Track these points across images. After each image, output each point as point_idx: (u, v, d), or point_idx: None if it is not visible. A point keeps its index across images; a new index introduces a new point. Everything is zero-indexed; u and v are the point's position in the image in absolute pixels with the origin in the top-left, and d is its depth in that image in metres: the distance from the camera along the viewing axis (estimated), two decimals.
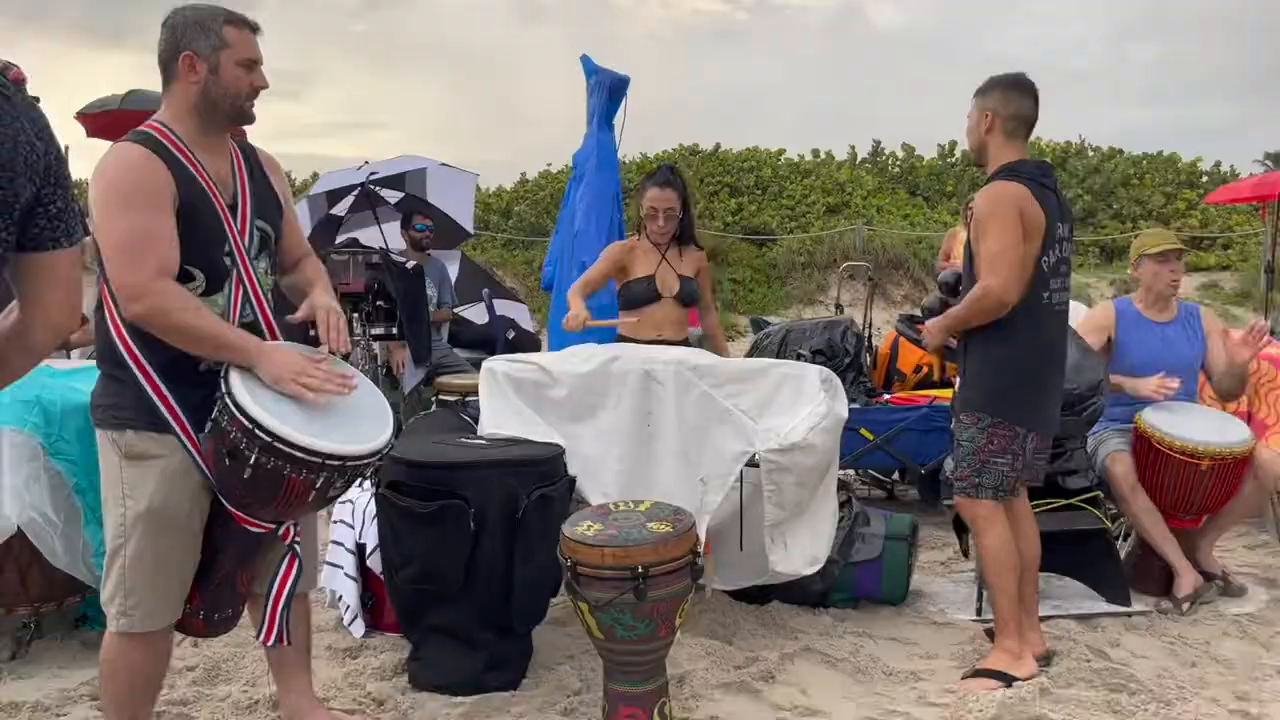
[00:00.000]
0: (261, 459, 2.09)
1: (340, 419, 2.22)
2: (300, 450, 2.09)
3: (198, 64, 2.24)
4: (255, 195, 2.37)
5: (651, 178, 3.91)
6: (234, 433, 2.11)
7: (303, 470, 2.12)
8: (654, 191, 3.85)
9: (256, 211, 2.37)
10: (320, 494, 2.19)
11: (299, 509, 2.26)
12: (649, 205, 3.85)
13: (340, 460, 2.14)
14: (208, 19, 2.24)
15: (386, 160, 6.06)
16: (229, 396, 2.12)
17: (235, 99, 2.28)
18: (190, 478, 2.23)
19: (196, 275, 2.24)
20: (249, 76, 2.29)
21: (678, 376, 3.20)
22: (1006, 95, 3.07)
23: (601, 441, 3.21)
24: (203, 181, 2.26)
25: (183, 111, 2.27)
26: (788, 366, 3.29)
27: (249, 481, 2.13)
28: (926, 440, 4.71)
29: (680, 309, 3.93)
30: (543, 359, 3.34)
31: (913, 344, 5.16)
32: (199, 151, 2.27)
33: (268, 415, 2.09)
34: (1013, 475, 3.03)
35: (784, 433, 3.16)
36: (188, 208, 2.21)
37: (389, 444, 2.28)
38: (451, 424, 4.19)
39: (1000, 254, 2.91)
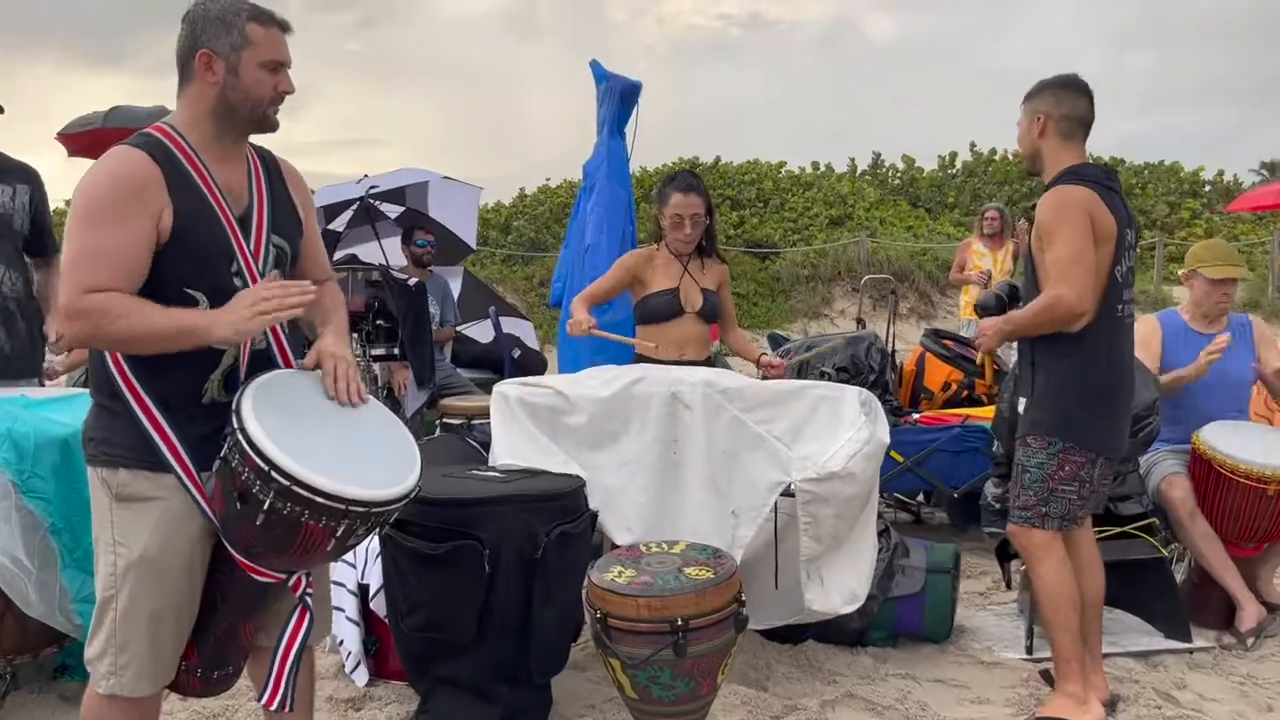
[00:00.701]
0: (278, 503, 1.84)
1: (364, 458, 1.99)
2: (322, 495, 1.84)
3: (215, 64, 2.00)
4: (273, 208, 2.13)
5: (672, 183, 3.64)
6: (246, 473, 1.86)
7: (323, 517, 1.87)
8: (679, 197, 3.58)
9: (273, 226, 2.12)
10: (340, 542, 1.94)
11: (315, 558, 2.00)
12: (674, 212, 3.58)
13: (365, 506, 1.89)
14: (230, 14, 2.00)
15: (386, 174, 5.83)
16: (242, 431, 1.87)
17: (256, 104, 2.03)
18: (190, 522, 1.99)
19: (200, 298, 1.99)
20: (273, 80, 2.04)
21: (706, 400, 2.95)
22: (1058, 96, 2.86)
23: (624, 472, 2.96)
24: (208, 192, 2.01)
25: (198, 115, 2.03)
26: (824, 388, 3.04)
27: (262, 528, 1.88)
28: (959, 462, 4.47)
29: (703, 326, 3.66)
30: (559, 382, 3.09)
31: (941, 360, 4.92)
32: (210, 159, 2.03)
33: (285, 455, 1.84)
34: (1079, 504, 2.80)
35: (821, 461, 2.92)
36: (185, 222, 1.96)
37: (416, 486, 2.04)
38: (458, 451, 3.94)
39: (1073, 260, 2.69)
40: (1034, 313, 2.78)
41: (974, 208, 21.17)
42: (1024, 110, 2.93)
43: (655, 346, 3.48)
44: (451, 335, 6.02)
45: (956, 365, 4.88)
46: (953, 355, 4.91)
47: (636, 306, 3.69)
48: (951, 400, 4.92)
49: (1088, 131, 2.89)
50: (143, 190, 1.92)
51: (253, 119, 2.05)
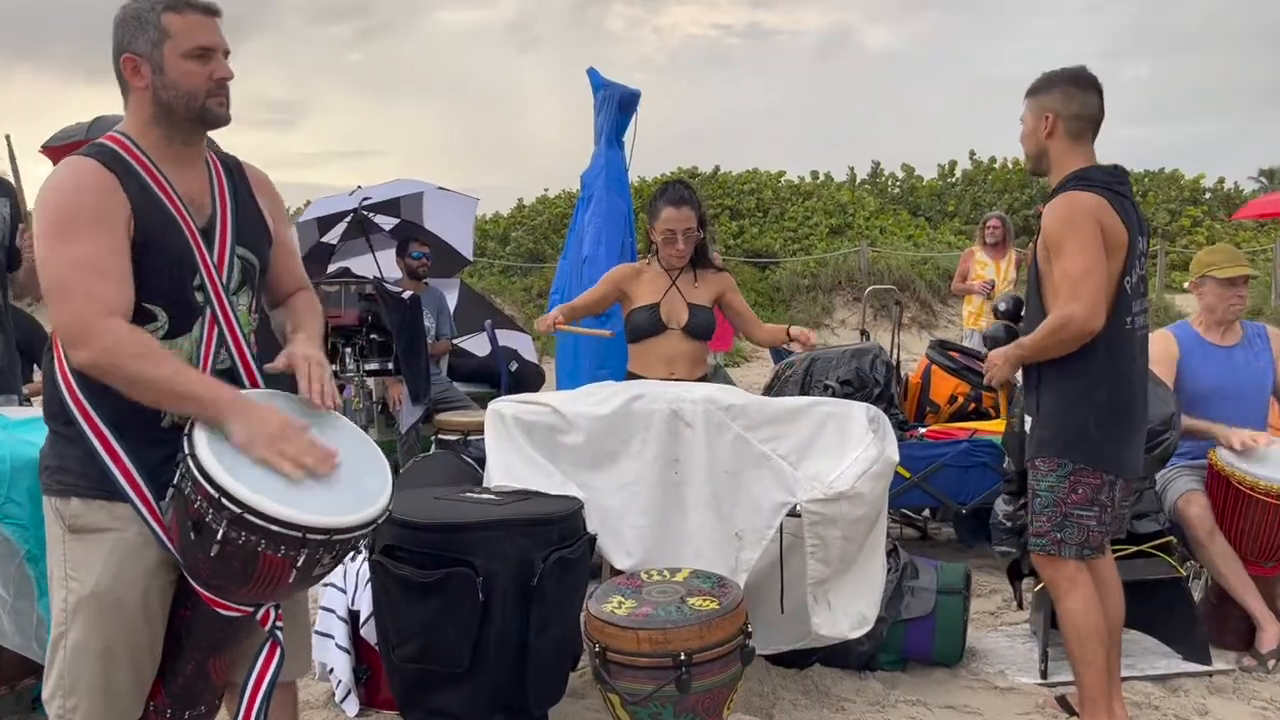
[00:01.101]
0: (231, 533, 1.73)
1: (327, 481, 1.86)
2: (277, 523, 1.73)
3: (141, 66, 1.88)
4: (237, 218, 2.01)
5: (663, 195, 3.51)
6: (199, 501, 1.76)
7: (281, 546, 1.76)
8: (670, 211, 3.46)
9: (238, 237, 2.00)
10: (304, 572, 1.83)
11: (279, 590, 1.89)
12: (665, 227, 3.46)
13: (325, 534, 1.78)
14: (145, 10, 1.88)
15: (380, 184, 5.73)
16: (192, 457, 1.76)
17: (192, 99, 1.90)
18: (147, 554, 1.87)
19: (159, 314, 1.89)
20: (205, 68, 1.90)
21: (708, 417, 2.84)
22: (1067, 92, 2.70)
23: (624, 493, 2.85)
24: (168, 201, 1.90)
25: (143, 122, 1.93)
26: (830, 405, 2.94)
27: (217, 559, 1.77)
28: (967, 477, 4.36)
29: (691, 342, 3.50)
30: (555, 399, 2.98)
31: (947, 372, 4.81)
32: (167, 166, 1.92)
33: (236, 481, 1.73)
34: (1099, 530, 2.67)
35: (828, 480, 2.81)
36: (147, 233, 1.86)
37: (385, 510, 1.92)
38: (453, 468, 3.84)
39: (1083, 275, 2.56)
40: (1044, 335, 2.65)
41: (974, 216, 21.12)
42: (1029, 106, 2.76)
43: (643, 355, 3.39)
44: (447, 348, 5.91)
45: (963, 378, 4.77)
46: (959, 367, 4.80)
47: (625, 323, 3.59)
48: (958, 413, 4.81)
49: (1097, 131, 2.74)
50: (109, 196, 1.82)
51: (193, 115, 1.91)
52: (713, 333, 3.63)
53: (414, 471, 3.80)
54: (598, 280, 4.39)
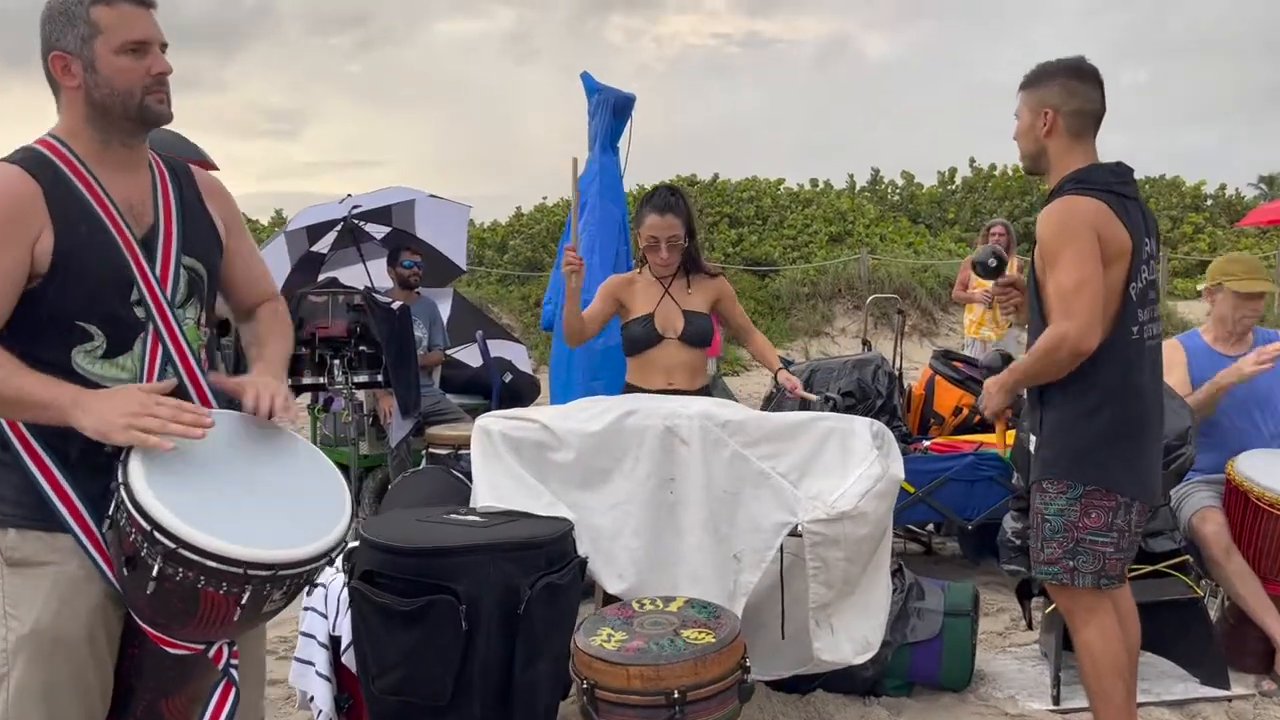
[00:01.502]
0: (167, 569, 1.60)
1: (277, 511, 1.74)
2: (214, 558, 1.59)
3: (71, 64, 1.76)
4: (184, 225, 1.88)
5: (649, 202, 3.39)
6: (133, 534, 1.62)
7: (222, 583, 1.62)
8: (653, 219, 3.34)
9: (184, 246, 1.87)
10: (250, 610, 1.68)
11: (226, 629, 1.74)
12: (648, 235, 3.34)
13: (269, 569, 1.64)
14: (73, 3, 1.75)
15: (370, 193, 5.61)
16: (125, 487, 1.63)
17: (128, 97, 1.77)
18: (91, 589, 1.74)
19: (94, 332, 1.76)
20: (141, 64, 1.78)
21: (704, 434, 2.72)
22: (1068, 86, 2.52)
23: (616, 513, 2.72)
24: (100, 209, 1.77)
25: (76, 124, 1.80)
26: (833, 420, 2.81)
27: (155, 596, 1.63)
28: (973, 492, 4.24)
29: (689, 351, 3.39)
30: (545, 415, 2.85)
31: (951, 383, 4.69)
32: (103, 171, 1.79)
33: (169, 512, 1.59)
34: (1117, 558, 2.51)
35: (831, 500, 2.69)
36: (73, 244, 1.72)
37: (340, 542, 1.78)
38: (442, 484, 3.71)
39: (1076, 289, 2.39)
40: (1037, 357, 2.48)
41: (975, 223, 21.02)
42: (1025, 101, 2.59)
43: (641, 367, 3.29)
44: (440, 360, 5.79)
45: (967, 388, 4.64)
46: (963, 378, 4.68)
47: (621, 335, 3.47)
48: (963, 425, 4.69)
49: (1098, 126, 2.57)
50: (14, 212, 1.69)
51: (130, 114, 1.79)
52: (710, 339, 3.51)
53: (401, 489, 3.67)
54: (590, 289, 4.28)
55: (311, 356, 4.64)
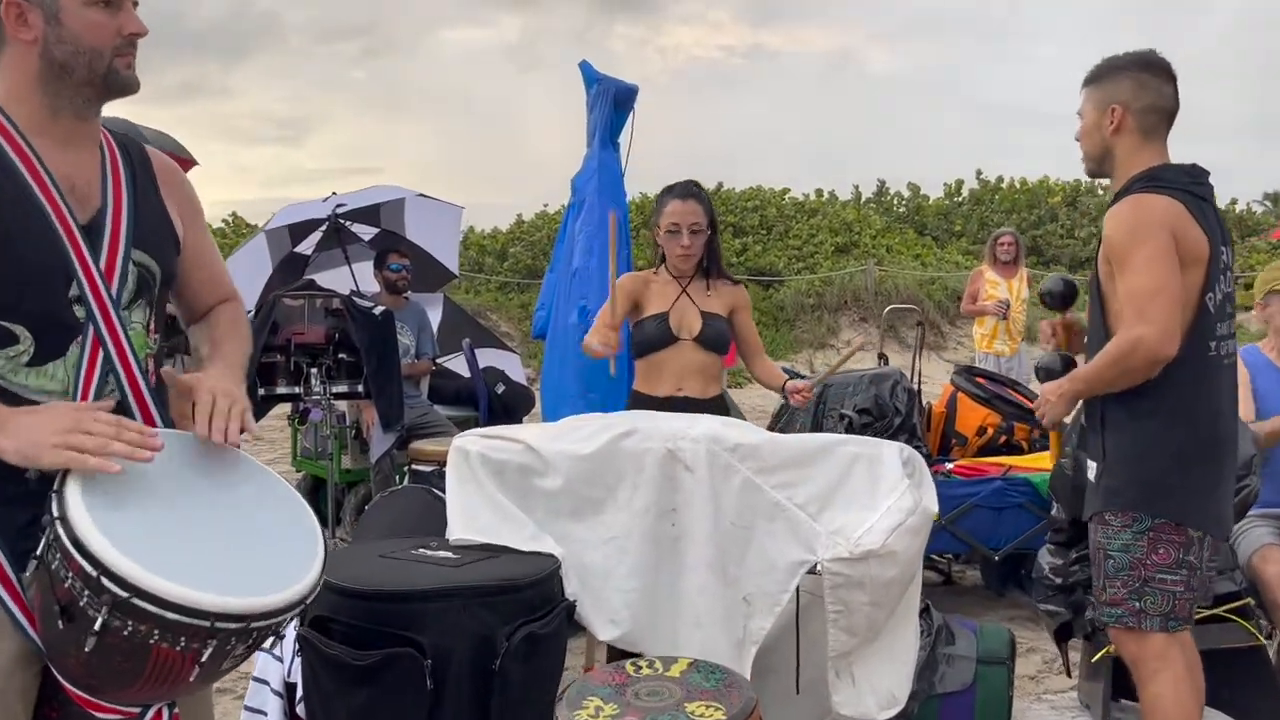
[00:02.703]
0: (114, 621, 1.31)
1: (243, 551, 1.45)
2: (174, 608, 1.30)
3: (29, 13, 1.48)
4: (135, 215, 1.60)
5: (670, 191, 3.13)
6: (70, 579, 1.32)
7: (180, 637, 1.33)
8: (675, 204, 3.06)
9: (135, 238, 1.59)
10: (208, 668, 1.39)
11: (175, 689, 1.45)
12: (670, 221, 3.06)
13: (241, 620, 1.35)
14: None
15: (355, 191, 5.28)
16: (62, 521, 1.33)
17: (96, 57, 1.51)
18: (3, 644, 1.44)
19: (20, 334, 1.47)
20: (113, 20, 1.52)
21: (712, 459, 2.38)
22: (1140, 80, 2.29)
23: (610, 549, 2.39)
24: (36, 187, 1.48)
25: (21, 86, 1.51)
26: (857, 444, 2.48)
27: (95, 654, 1.33)
28: (1001, 520, 3.91)
29: (705, 355, 3.09)
30: (530, 434, 2.52)
31: (975, 401, 4.35)
32: (45, 144, 1.51)
33: (121, 554, 1.30)
34: (1187, 597, 2.21)
35: (855, 536, 2.35)
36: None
37: (316, 586, 1.49)
38: (419, 507, 3.36)
39: (1153, 293, 2.13)
40: (1107, 363, 2.21)
41: (982, 236, 20.66)
42: (1090, 98, 2.36)
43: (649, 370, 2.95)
44: (428, 368, 5.47)
45: (993, 407, 4.32)
46: (988, 395, 4.35)
47: (631, 335, 3.16)
48: (987, 447, 4.36)
49: (1171, 125, 2.33)
50: None
51: (94, 78, 1.51)
52: (728, 345, 3.20)
53: (376, 512, 3.33)
54: (588, 294, 3.95)
55: (287, 364, 4.32)
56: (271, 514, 1.55)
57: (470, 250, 16.99)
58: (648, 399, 3.07)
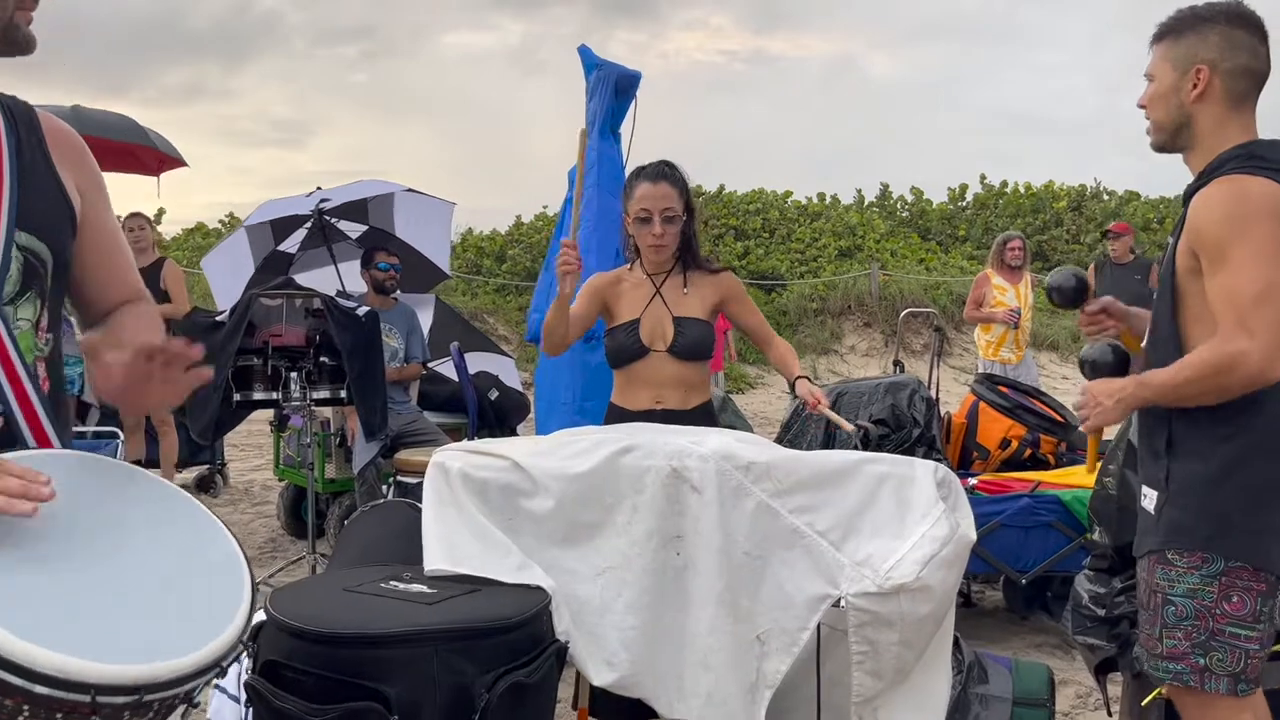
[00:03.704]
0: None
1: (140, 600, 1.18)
2: (46, 681, 1.04)
3: None
4: (21, 190, 1.35)
5: (640, 173, 2.82)
6: None
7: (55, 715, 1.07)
8: (644, 188, 2.76)
9: (21, 218, 1.34)
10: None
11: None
12: (639, 207, 2.77)
13: (131, 692, 1.09)
14: None
15: (341, 186, 5.01)
16: None
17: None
18: None
19: None
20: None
21: (722, 479, 2.11)
22: (1230, 37, 1.92)
23: (606, 580, 2.12)
24: None
25: None
26: (886, 463, 2.20)
27: None
28: (1029, 540, 3.64)
29: (680, 365, 2.81)
30: (517, 450, 2.25)
31: (997, 411, 4.08)
32: None
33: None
34: (1259, 654, 1.91)
35: (885, 568, 2.08)
36: None
37: (234, 644, 1.22)
38: (403, 526, 3.07)
39: (1259, 298, 1.79)
40: (1193, 376, 1.86)
41: (986, 240, 20.42)
42: (1165, 56, 1.98)
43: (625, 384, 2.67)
44: (418, 373, 5.20)
45: (1016, 418, 4.05)
46: (1012, 405, 4.08)
47: (605, 344, 2.90)
48: (1011, 460, 4.09)
49: (1260, 93, 1.97)
50: None
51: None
52: (709, 351, 2.91)
53: (352, 533, 3.05)
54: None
55: (264, 368, 4.05)
56: (186, 554, 1.29)
57: (468, 252, 16.74)
58: (625, 413, 2.82)
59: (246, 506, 6.23)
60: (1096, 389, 2.06)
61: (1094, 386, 2.07)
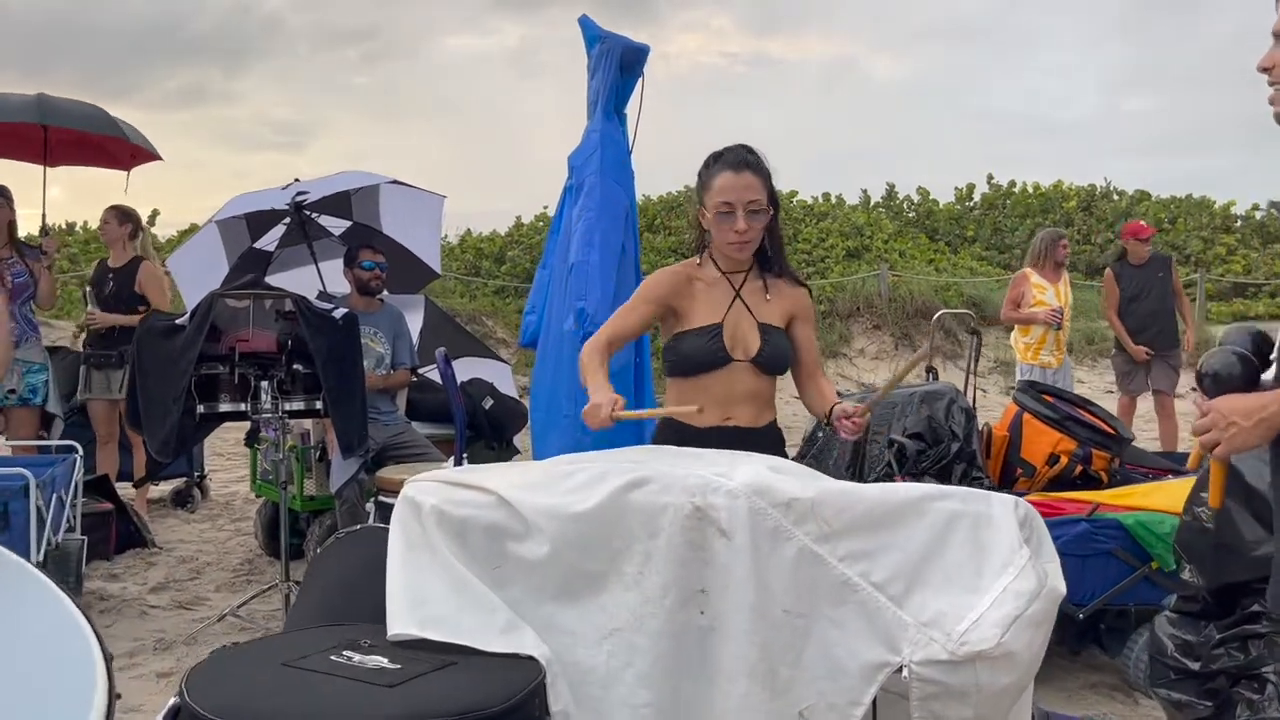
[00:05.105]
0: None
1: None
2: None
3: None
4: None
5: (719, 159, 2.42)
6: None
7: None
8: (726, 177, 2.37)
9: None
10: None
11: None
12: (719, 200, 2.37)
13: None
14: None
15: (321, 178, 4.60)
16: None
17: None
18: None
19: None
20: None
21: (756, 519, 1.71)
22: None
23: (614, 645, 1.71)
24: None
25: None
26: (957, 499, 1.80)
27: None
28: (1086, 569, 3.24)
29: (761, 380, 2.44)
30: (504, 481, 1.85)
31: (1045, 424, 3.68)
32: None
33: None
34: None
35: (958, 630, 1.68)
36: None
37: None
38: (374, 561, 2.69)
39: None
40: None
41: (995, 241, 20.03)
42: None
43: (698, 409, 2.24)
44: (406, 380, 4.81)
45: (1066, 431, 3.64)
46: (1060, 417, 3.68)
47: (666, 349, 2.49)
48: (1060, 479, 3.68)
49: None
50: None
51: None
52: (787, 365, 2.51)
53: (319, 569, 2.64)
54: (587, 294, 3.28)
55: (231, 377, 3.65)
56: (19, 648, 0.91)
57: (467, 253, 16.38)
58: (689, 430, 2.40)
59: (225, 522, 5.83)
60: (1226, 406, 1.67)
61: (1222, 404, 1.68)
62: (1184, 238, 19.47)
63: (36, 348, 5.22)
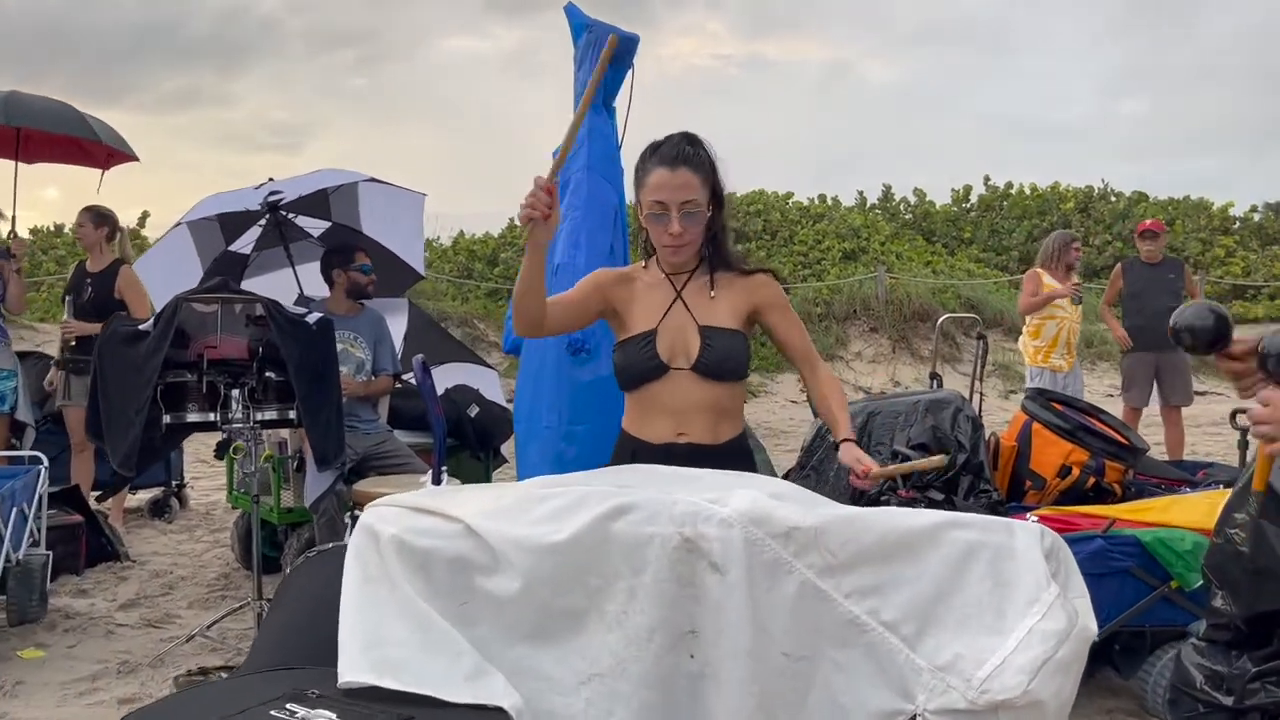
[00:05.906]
0: None
1: None
2: None
3: None
4: None
5: (654, 153, 2.22)
6: None
7: None
8: (660, 174, 2.18)
9: None
10: None
11: None
12: (651, 200, 2.19)
13: None
14: None
15: (295, 177, 4.40)
16: None
17: None
18: None
19: None
20: None
21: (752, 552, 1.53)
22: None
23: (594, 692, 1.53)
24: None
25: None
26: (976, 528, 1.62)
27: None
28: (1101, 588, 3.03)
29: (711, 389, 2.22)
30: (472, 507, 1.66)
31: (1056, 434, 3.50)
32: None
33: None
34: None
35: (979, 676, 1.50)
36: None
37: None
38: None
39: None
40: None
41: (992, 243, 19.87)
42: None
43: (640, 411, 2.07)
44: (388, 387, 4.62)
45: (1078, 441, 3.47)
46: (1072, 427, 3.50)
47: (614, 359, 2.30)
48: (1072, 491, 3.50)
49: None
50: None
51: None
52: (743, 369, 2.30)
53: (285, 593, 2.45)
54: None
55: (199, 386, 3.46)
56: None
57: (459, 255, 16.20)
58: (642, 445, 2.22)
59: (204, 534, 5.63)
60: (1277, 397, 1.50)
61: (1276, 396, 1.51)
62: (1182, 239, 19.34)
63: (5, 353, 5.03)
